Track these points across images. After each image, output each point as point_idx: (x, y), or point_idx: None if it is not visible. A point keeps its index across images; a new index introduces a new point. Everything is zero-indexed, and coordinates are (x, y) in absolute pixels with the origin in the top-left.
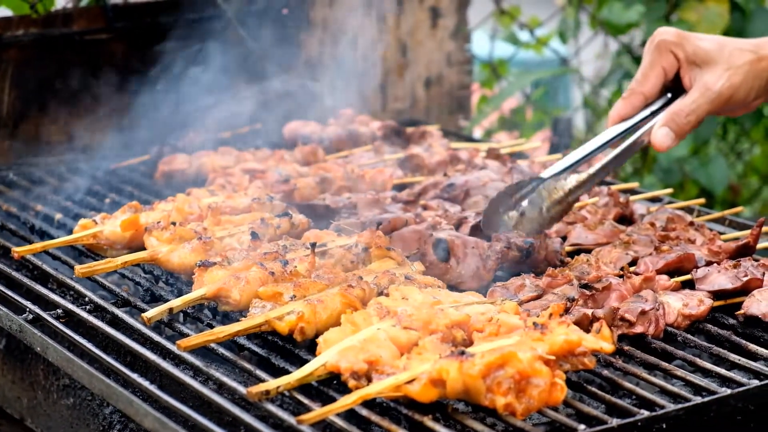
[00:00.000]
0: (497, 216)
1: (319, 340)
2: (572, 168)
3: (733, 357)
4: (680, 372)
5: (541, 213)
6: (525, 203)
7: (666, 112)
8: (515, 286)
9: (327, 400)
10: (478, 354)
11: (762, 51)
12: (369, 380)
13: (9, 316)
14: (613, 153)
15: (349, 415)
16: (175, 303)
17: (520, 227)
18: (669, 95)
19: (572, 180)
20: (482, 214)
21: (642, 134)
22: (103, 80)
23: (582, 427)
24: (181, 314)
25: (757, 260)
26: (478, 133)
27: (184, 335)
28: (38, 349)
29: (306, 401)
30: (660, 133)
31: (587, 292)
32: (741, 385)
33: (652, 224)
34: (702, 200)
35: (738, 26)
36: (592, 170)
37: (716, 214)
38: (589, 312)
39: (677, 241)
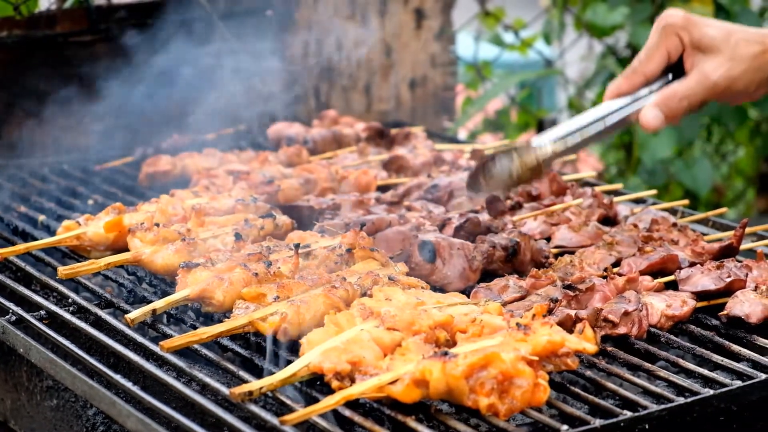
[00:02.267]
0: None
1: (303, 340)
2: (563, 136)
3: (716, 358)
4: (663, 373)
5: (510, 176)
6: (496, 166)
7: (659, 94)
8: (499, 287)
9: (310, 400)
10: (461, 355)
11: None
12: (352, 381)
13: None
14: (596, 129)
15: (333, 415)
16: (159, 304)
17: (486, 188)
18: (670, 76)
19: (548, 149)
20: (468, 176)
21: (631, 113)
22: (87, 82)
23: (565, 427)
24: (165, 315)
25: (740, 261)
26: (462, 134)
27: (167, 336)
28: (21, 350)
29: (289, 402)
30: (650, 113)
31: (570, 293)
32: (724, 385)
33: (636, 225)
34: (686, 201)
35: None
36: (569, 143)
37: (700, 216)
38: (573, 313)
39: (660, 242)
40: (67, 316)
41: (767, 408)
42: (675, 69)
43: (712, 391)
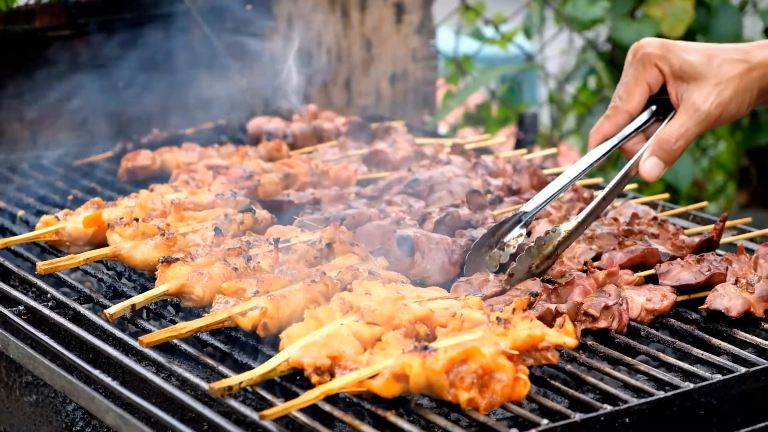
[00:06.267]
0: (480, 257)
1: (282, 335)
2: (557, 195)
3: (696, 352)
4: (643, 367)
5: (530, 271)
6: (516, 264)
7: (653, 141)
8: (479, 281)
9: (290, 395)
10: (441, 349)
11: (753, 59)
12: (332, 375)
13: None
14: (600, 195)
15: (312, 410)
16: (138, 299)
17: (507, 284)
18: (653, 107)
19: (561, 232)
20: (465, 259)
21: (629, 168)
22: (66, 77)
23: (545, 421)
24: (144, 310)
25: (720, 255)
26: (443, 128)
27: (146, 331)
28: (0, 346)
29: (269, 397)
30: (649, 164)
31: (550, 287)
32: (704, 379)
33: (616, 219)
34: (666, 195)
35: (703, 22)
36: (580, 217)
37: (680, 209)
38: (553, 307)
39: (641, 236)
40: (46, 311)
41: (747, 402)
42: (657, 99)
43: (692, 385)
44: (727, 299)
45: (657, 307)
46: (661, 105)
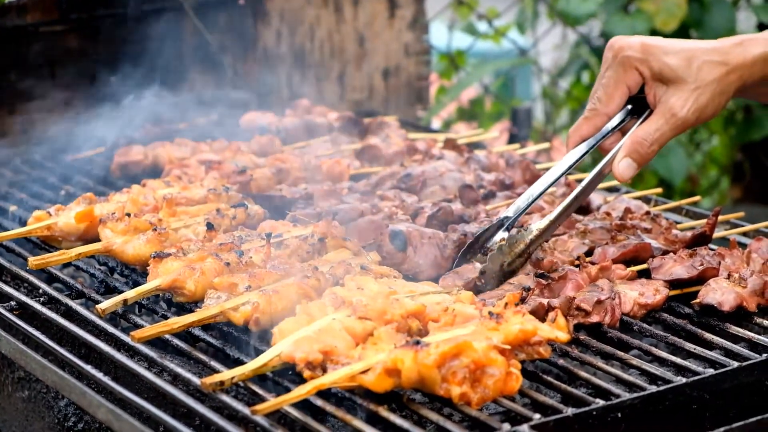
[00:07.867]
0: (465, 263)
1: (274, 330)
2: (538, 198)
3: (689, 346)
4: (636, 361)
5: (501, 268)
6: (487, 262)
7: (628, 141)
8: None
9: (282, 390)
10: (433, 344)
11: (731, 61)
12: (324, 370)
13: None
14: (573, 193)
15: (304, 405)
16: (130, 294)
17: (480, 285)
18: (629, 106)
19: (533, 230)
20: (453, 265)
21: (603, 166)
22: (58, 72)
23: (537, 416)
24: (136, 306)
25: (713, 249)
26: (436, 123)
27: (138, 327)
28: None
29: (261, 392)
30: (622, 165)
31: (543, 282)
32: (696, 374)
33: (609, 214)
34: (659, 190)
35: (696, 17)
36: (552, 216)
37: (673, 204)
38: (545, 301)
39: (633, 230)
40: (38, 306)
41: (739, 396)
42: (633, 97)
43: (684, 380)
44: (719, 294)
45: (650, 301)
46: (637, 103)
